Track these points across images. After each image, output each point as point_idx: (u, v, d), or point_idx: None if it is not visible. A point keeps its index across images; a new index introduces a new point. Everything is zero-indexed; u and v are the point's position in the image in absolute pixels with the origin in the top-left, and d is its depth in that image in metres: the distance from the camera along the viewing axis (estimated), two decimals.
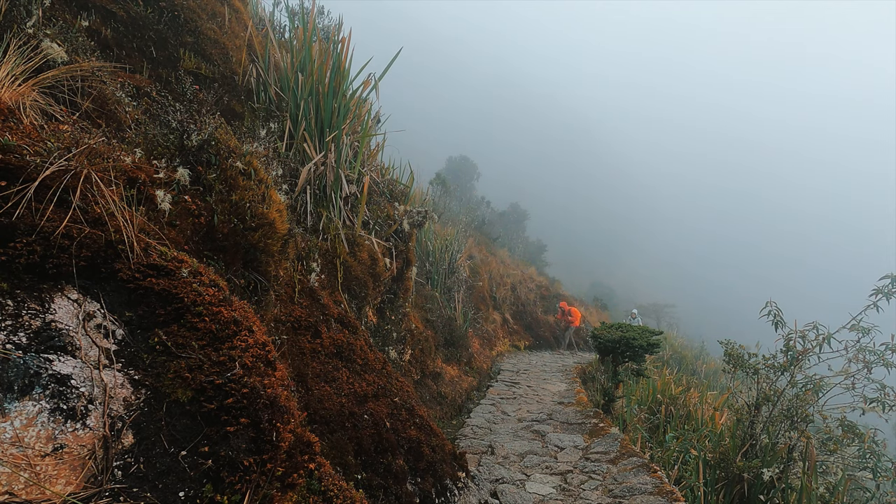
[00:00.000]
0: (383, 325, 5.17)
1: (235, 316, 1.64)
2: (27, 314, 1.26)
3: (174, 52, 3.77)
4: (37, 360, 1.20)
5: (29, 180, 1.40)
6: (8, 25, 2.20)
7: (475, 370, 9.33)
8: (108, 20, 3.39)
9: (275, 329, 2.78)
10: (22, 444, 1.10)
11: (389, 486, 2.71)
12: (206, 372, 1.43)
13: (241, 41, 4.71)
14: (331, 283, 3.94)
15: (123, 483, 1.21)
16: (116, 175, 1.75)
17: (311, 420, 2.58)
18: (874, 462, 4.51)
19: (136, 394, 1.34)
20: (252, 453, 1.43)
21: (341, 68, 4.57)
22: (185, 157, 2.19)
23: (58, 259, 1.37)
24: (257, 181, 2.42)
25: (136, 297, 1.50)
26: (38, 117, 1.88)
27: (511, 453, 5.03)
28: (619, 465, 4.57)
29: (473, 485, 3.67)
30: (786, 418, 4.73)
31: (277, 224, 2.47)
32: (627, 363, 8.29)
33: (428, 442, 3.27)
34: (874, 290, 4.41)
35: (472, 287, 12.13)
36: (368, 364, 3.39)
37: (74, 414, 1.21)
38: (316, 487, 1.96)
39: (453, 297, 10.12)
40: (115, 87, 2.67)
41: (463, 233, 12.35)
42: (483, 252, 16.84)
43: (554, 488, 4.14)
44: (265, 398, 1.50)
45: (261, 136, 3.68)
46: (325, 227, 4.11)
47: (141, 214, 1.82)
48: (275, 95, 4.51)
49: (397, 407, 3.30)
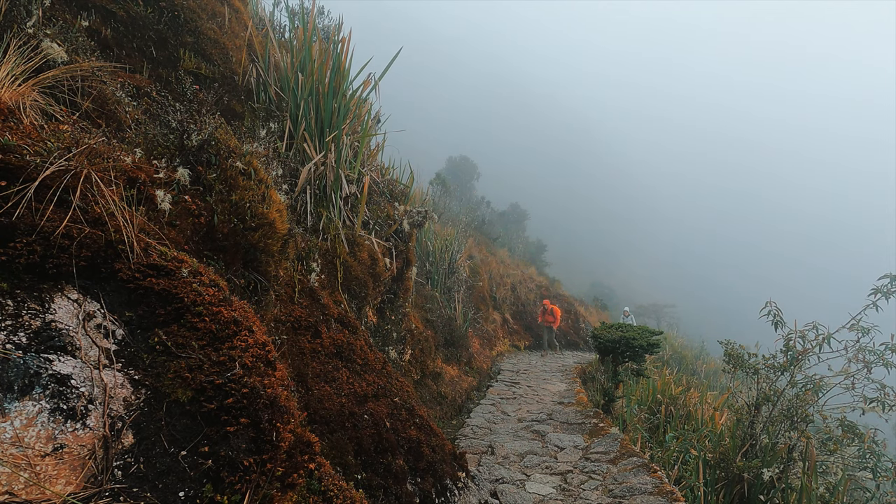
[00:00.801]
0: (383, 325, 5.17)
1: (235, 316, 1.64)
2: (27, 314, 1.26)
3: (174, 52, 3.77)
4: (37, 360, 1.20)
5: (29, 180, 1.40)
6: (8, 25, 2.20)
7: (475, 370, 9.33)
8: (108, 20, 3.39)
9: (275, 329, 2.78)
10: (22, 444, 1.10)
11: (389, 486, 2.71)
12: (206, 372, 1.43)
13: (241, 41, 4.71)
14: (331, 283, 3.94)
15: (123, 483, 1.21)
16: (116, 175, 1.75)
17: (311, 420, 2.58)
18: (874, 462, 4.51)
19: (136, 394, 1.35)
20: (252, 453, 1.43)
21: (341, 68, 4.57)
22: (185, 157, 2.19)
23: (58, 259, 1.37)
24: (257, 181, 2.42)
25: (136, 297, 1.50)
26: (38, 117, 1.88)
27: (511, 453, 5.03)
28: (619, 465, 4.57)
29: (473, 485, 3.67)
30: (786, 418, 4.73)
31: (277, 224, 2.47)
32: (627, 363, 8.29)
33: (428, 442, 3.27)
34: (873, 290, 4.41)
35: (472, 287, 12.13)
36: (368, 364, 3.39)
37: (74, 414, 1.21)
38: (316, 487, 1.96)
39: (453, 297, 10.12)
40: (115, 87, 2.67)
41: (463, 233, 12.36)
42: (483, 252, 16.84)
43: (554, 488, 4.14)
44: (265, 398, 1.50)
45: (261, 136, 3.68)
46: (325, 227, 4.11)
47: (141, 214, 1.82)
48: (275, 95, 4.51)
49: (397, 407, 3.30)
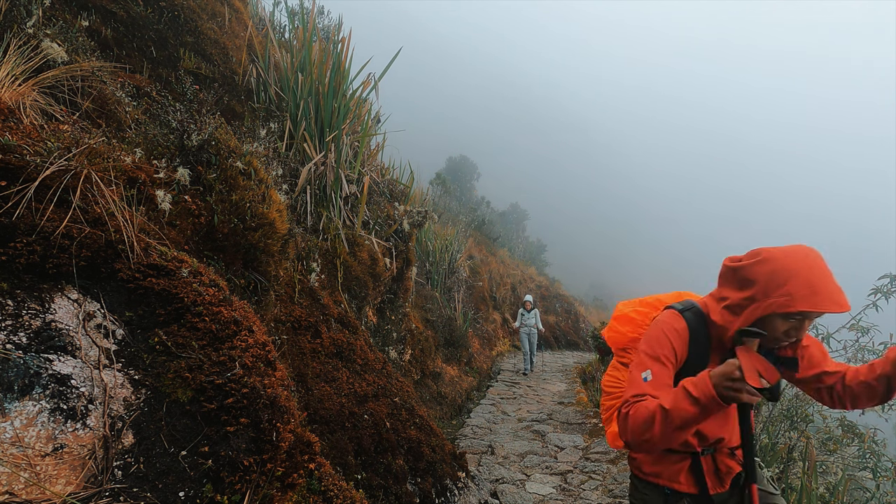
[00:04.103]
0: (383, 325, 5.17)
1: (235, 316, 1.64)
2: (27, 314, 1.26)
3: (174, 52, 3.77)
4: (37, 360, 1.20)
5: (29, 180, 1.40)
6: (8, 25, 2.20)
7: (475, 370, 9.33)
8: (108, 20, 3.39)
9: (275, 329, 2.78)
10: (22, 443, 1.10)
11: (389, 486, 2.71)
12: (206, 372, 1.43)
13: (241, 41, 4.71)
14: (331, 283, 3.94)
15: (123, 483, 1.21)
16: (116, 175, 1.75)
17: (311, 420, 2.58)
18: (874, 462, 4.50)
19: (136, 394, 1.34)
20: (252, 453, 1.43)
21: (341, 68, 4.57)
22: (185, 157, 2.19)
23: (58, 259, 1.37)
24: (257, 181, 2.42)
25: (136, 297, 1.50)
26: (38, 117, 1.88)
27: (511, 453, 5.03)
28: (619, 465, 4.57)
29: (473, 485, 3.67)
30: (786, 418, 4.73)
31: (277, 224, 2.47)
32: None
33: (428, 442, 3.27)
34: (873, 290, 4.41)
35: (472, 287, 12.13)
36: (368, 364, 3.39)
37: (74, 414, 1.21)
38: (316, 487, 1.96)
39: (453, 297, 10.12)
40: (115, 87, 2.67)
41: (463, 233, 12.36)
42: (483, 252, 16.83)
43: (554, 488, 4.14)
44: (265, 398, 1.50)
45: (261, 136, 3.68)
46: (325, 227, 4.11)
47: (141, 214, 1.82)
48: (275, 95, 4.51)
49: (397, 407, 3.30)
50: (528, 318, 10.07)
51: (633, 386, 1.39)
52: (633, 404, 1.32)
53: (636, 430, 1.28)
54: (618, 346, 1.80)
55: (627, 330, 1.75)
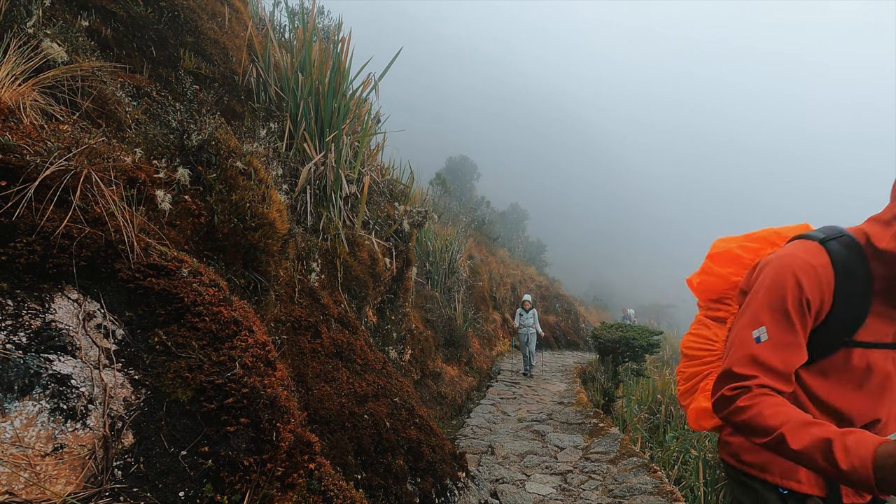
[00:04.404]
0: (383, 325, 5.17)
1: (235, 316, 1.64)
2: (27, 314, 1.26)
3: (174, 52, 3.77)
4: (37, 359, 1.20)
5: (29, 180, 1.40)
6: (8, 25, 2.20)
7: (475, 370, 9.33)
8: (108, 20, 3.39)
9: (275, 329, 2.78)
10: (22, 443, 1.10)
11: (389, 486, 2.71)
12: (206, 372, 1.43)
13: (241, 41, 4.71)
14: (331, 283, 3.94)
15: (123, 483, 1.20)
16: (116, 175, 1.75)
17: (311, 420, 2.58)
18: None
19: (136, 394, 1.34)
20: (252, 453, 1.43)
21: (341, 68, 4.57)
22: (185, 157, 2.19)
23: (58, 259, 1.37)
24: (257, 181, 2.42)
25: (136, 296, 1.50)
26: (38, 117, 1.87)
27: (511, 453, 5.03)
28: (619, 465, 4.57)
29: (473, 485, 3.67)
30: None
31: (277, 224, 2.47)
32: (627, 363, 8.29)
33: (428, 442, 3.27)
34: None
35: (472, 287, 12.13)
36: (368, 364, 3.39)
37: (74, 414, 1.21)
38: (316, 487, 1.96)
39: (453, 297, 10.11)
40: (115, 86, 2.67)
41: (463, 233, 12.36)
42: (483, 252, 16.83)
43: (554, 488, 4.14)
44: (265, 398, 1.50)
45: (261, 136, 3.68)
46: (325, 227, 4.11)
47: (141, 214, 1.82)
48: (275, 95, 4.51)
49: (397, 407, 3.29)
50: (526, 319, 9.90)
51: (739, 346, 1.03)
52: (760, 397, 0.97)
53: (747, 429, 0.99)
54: (711, 296, 1.40)
55: (730, 272, 1.33)
